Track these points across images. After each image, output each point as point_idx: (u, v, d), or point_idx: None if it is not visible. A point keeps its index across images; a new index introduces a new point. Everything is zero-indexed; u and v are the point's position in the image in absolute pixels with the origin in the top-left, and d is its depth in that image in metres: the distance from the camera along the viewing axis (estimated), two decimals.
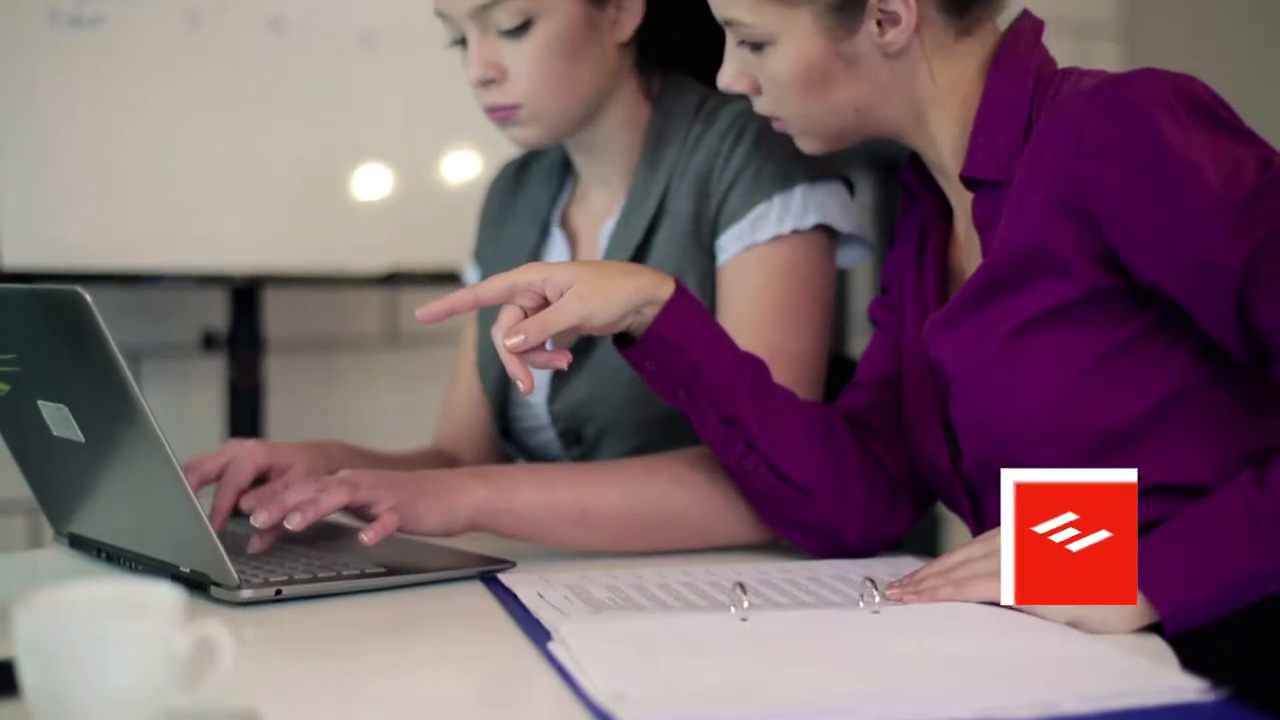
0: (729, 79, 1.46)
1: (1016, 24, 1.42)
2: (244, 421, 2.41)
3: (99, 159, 2.24)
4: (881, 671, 1.08)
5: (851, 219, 1.67)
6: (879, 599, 1.24)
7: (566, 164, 1.85)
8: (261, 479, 1.59)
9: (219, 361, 2.48)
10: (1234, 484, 1.22)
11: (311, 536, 1.51)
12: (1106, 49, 3.51)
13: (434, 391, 2.07)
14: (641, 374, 1.47)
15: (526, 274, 1.38)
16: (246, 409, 2.43)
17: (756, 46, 1.41)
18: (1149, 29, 3.55)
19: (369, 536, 1.38)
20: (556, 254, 1.82)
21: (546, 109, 1.66)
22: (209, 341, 2.46)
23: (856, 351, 1.94)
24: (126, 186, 2.26)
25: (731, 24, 1.42)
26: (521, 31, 1.62)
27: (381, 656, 1.18)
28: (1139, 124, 1.25)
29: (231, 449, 1.60)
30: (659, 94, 1.74)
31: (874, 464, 1.53)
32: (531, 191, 1.87)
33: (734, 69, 1.45)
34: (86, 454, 1.34)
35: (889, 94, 1.41)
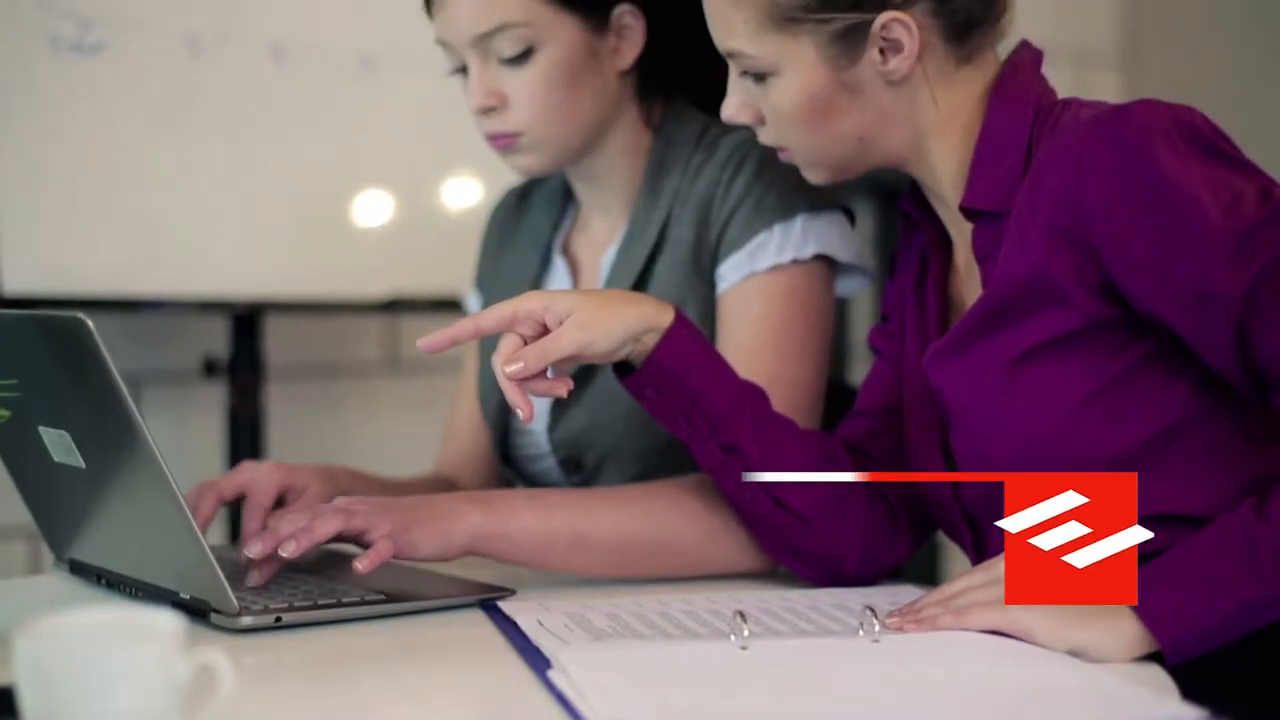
0: (733, 111, 1.46)
1: (1016, 54, 1.43)
2: (244, 448, 2.42)
3: (100, 185, 2.24)
4: (881, 700, 1.08)
5: (851, 249, 1.68)
6: (879, 628, 1.24)
7: (568, 192, 1.85)
8: (280, 501, 1.59)
9: (219, 388, 2.48)
10: (1234, 514, 1.22)
11: (312, 563, 1.51)
12: (1106, 78, 3.52)
13: (434, 418, 2.06)
14: (641, 402, 1.47)
15: (527, 302, 1.39)
16: (247, 435, 2.43)
17: (760, 77, 1.42)
18: (1149, 59, 3.56)
19: (363, 565, 1.37)
20: (558, 281, 1.82)
21: (547, 137, 1.66)
22: (209, 368, 2.47)
23: (857, 379, 1.94)
24: (127, 213, 2.27)
25: (734, 55, 1.42)
26: (522, 60, 1.63)
27: (381, 684, 1.18)
28: (1138, 155, 1.26)
29: (247, 470, 1.61)
30: (660, 122, 1.75)
31: (874, 492, 1.53)
32: (533, 219, 1.87)
33: (737, 101, 1.46)
34: (87, 480, 1.34)
35: (892, 122, 1.41)
